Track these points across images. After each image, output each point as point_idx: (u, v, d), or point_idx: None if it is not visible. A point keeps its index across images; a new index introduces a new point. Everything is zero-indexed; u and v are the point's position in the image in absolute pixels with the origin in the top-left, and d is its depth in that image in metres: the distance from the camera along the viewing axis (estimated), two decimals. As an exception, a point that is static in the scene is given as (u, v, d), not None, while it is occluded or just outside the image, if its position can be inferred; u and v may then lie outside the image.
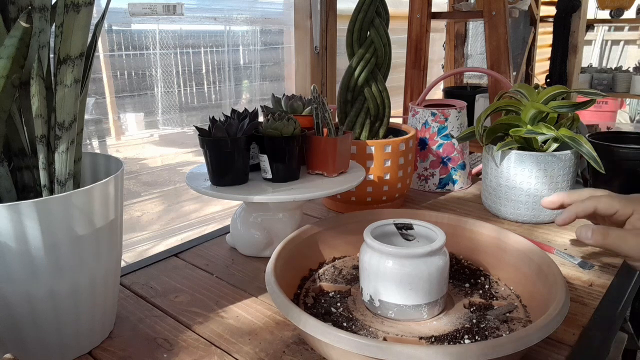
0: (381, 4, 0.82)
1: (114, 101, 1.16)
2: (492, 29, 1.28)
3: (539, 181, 0.79)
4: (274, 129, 0.66)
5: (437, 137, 0.97)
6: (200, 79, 1.30)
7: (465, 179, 1.01)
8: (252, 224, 0.70)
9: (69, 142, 0.46)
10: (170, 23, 1.18)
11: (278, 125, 0.66)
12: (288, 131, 0.67)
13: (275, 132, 0.66)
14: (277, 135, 0.66)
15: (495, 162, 0.83)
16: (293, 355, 0.50)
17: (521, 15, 1.92)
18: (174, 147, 1.33)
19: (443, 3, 1.99)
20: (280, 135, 0.66)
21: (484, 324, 0.50)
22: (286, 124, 0.66)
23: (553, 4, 2.10)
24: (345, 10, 1.38)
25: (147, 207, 1.28)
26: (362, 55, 0.82)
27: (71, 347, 0.50)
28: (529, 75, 2.13)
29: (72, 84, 0.44)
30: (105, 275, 0.51)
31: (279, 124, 0.66)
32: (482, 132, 0.83)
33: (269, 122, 0.67)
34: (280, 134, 0.66)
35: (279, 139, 0.66)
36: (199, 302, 0.61)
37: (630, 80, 2.94)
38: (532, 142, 0.80)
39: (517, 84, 1.21)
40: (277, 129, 0.66)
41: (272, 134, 0.67)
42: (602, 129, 1.35)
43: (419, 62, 1.45)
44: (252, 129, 0.68)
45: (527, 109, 0.80)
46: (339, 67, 1.42)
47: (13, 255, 0.42)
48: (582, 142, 0.74)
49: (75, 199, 0.44)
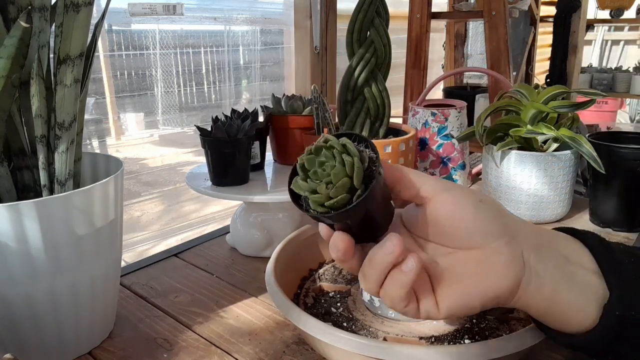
0: (381, 4, 0.82)
1: (114, 101, 1.16)
2: (492, 29, 1.28)
3: (539, 181, 0.79)
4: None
5: (437, 137, 0.97)
6: (200, 79, 1.30)
7: (465, 179, 1.01)
8: (252, 224, 0.70)
9: (69, 142, 0.46)
10: (170, 23, 1.18)
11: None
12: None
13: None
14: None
15: (495, 162, 0.83)
16: (293, 355, 0.50)
17: (521, 15, 1.92)
18: (174, 147, 1.33)
19: (443, 3, 1.99)
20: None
21: (484, 324, 0.50)
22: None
23: (553, 4, 2.10)
24: (345, 10, 1.38)
25: (147, 207, 1.28)
26: (362, 55, 0.82)
27: (71, 347, 0.50)
28: (529, 75, 2.13)
29: (71, 84, 0.44)
30: (105, 275, 0.51)
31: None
32: (482, 132, 0.83)
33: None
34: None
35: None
36: (199, 302, 0.61)
37: (630, 80, 2.94)
38: (532, 142, 0.80)
39: (517, 84, 1.21)
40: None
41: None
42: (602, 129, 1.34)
43: (419, 62, 1.45)
44: (253, 129, 0.68)
45: (527, 109, 0.80)
46: (339, 67, 1.42)
47: (13, 256, 0.42)
48: (582, 142, 0.74)
49: (75, 199, 0.44)
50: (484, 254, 0.33)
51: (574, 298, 0.33)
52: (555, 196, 0.80)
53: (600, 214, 0.81)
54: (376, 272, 0.32)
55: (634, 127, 4.18)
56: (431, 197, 0.33)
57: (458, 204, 0.33)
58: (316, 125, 0.73)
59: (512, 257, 0.33)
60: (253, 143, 0.72)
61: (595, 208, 0.82)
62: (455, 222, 0.33)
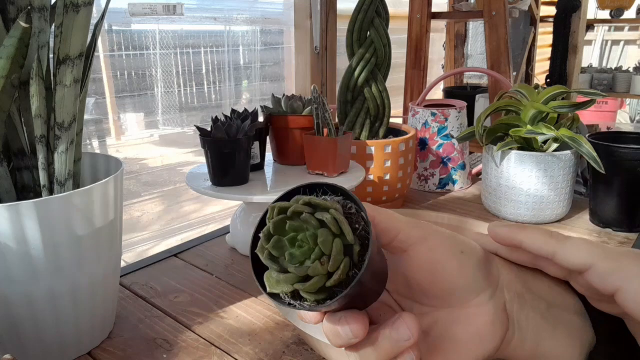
0: (381, 4, 0.82)
1: (114, 101, 1.16)
2: (492, 29, 1.28)
3: (539, 181, 0.79)
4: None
5: (437, 137, 0.97)
6: (200, 79, 1.30)
7: (465, 179, 1.01)
8: (252, 224, 0.70)
9: (69, 142, 0.46)
10: (170, 23, 1.18)
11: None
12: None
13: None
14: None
15: (495, 162, 0.83)
16: (293, 355, 0.50)
17: (521, 15, 1.92)
18: (174, 147, 1.33)
19: (443, 3, 1.99)
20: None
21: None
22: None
23: (553, 4, 2.10)
24: (345, 10, 1.38)
25: (147, 207, 1.27)
26: (362, 55, 0.82)
27: (71, 347, 0.50)
28: (529, 75, 2.13)
29: (71, 84, 0.44)
30: (105, 275, 0.51)
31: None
32: (482, 132, 0.83)
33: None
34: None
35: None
36: (199, 302, 0.61)
37: (630, 80, 2.94)
38: (532, 142, 0.80)
39: (517, 84, 1.21)
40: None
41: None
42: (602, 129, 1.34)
43: (419, 62, 1.45)
44: (253, 129, 0.68)
45: (527, 109, 0.80)
46: (339, 67, 1.41)
47: (13, 255, 0.42)
48: (582, 142, 0.74)
49: (74, 199, 0.44)
50: (466, 315, 0.29)
51: (556, 346, 0.30)
52: (555, 196, 0.80)
53: (600, 214, 0.81)
54: (381, 357, 0.26)
55: (634, 127, 4.18)
56: (406, 248, 0.28)
57: (438, 260, 0.28)
58: (316, 125, 0.73)
59: (496, 313, 0.29)
60: (253, 143, 0.72)
61: (595, 208, 0.82)
62: (436, 280, 0.28)
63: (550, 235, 0.30)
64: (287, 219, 0.24)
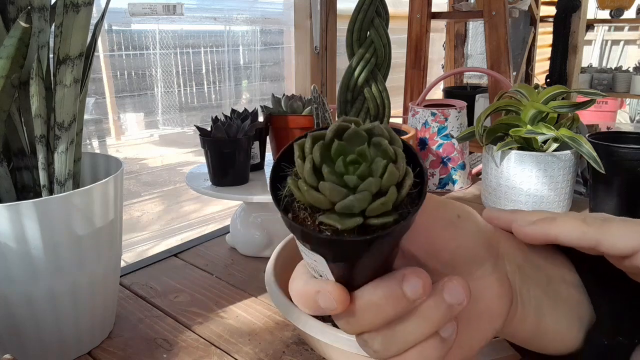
0: (381, 4, 0.82)
1: (114, 101, 1.16)
2: (492, 29, 1.28)
3: (539, 181, 0.79)
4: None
5: (437, 137, 0.97)
6: (200, 79, 1.30)
7: (465, 179, 1.01)
8: (252, 224, 0.70)
9: (69, 142, 0.46)
10: (170, 23, 1.18)
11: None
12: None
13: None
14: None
15: (495, 162, 0.83)
16: (293, 355, 0.50)
17: (521, 15, 1.92)
18: (174, 147, 1.33)
19: (443, 3, 1.99)
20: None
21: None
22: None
23: (553, 4, 2.10)
24: (345, 10, 1.38)
25: (147, 207, 1.27)
26: (362, 55, 0.82)
27: (71, 347, 0.50)
28: (529, 75, 2.13)
29: (71, 84, 0.44)
30: (105, 275, 0.51)
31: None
32: (482, 132, 0.83)
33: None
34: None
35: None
36: (199, 302, 0.61)
37: (630, 80, 2.94)
38: (532, 142, 0.80)
39: (517, 84, 1.21)
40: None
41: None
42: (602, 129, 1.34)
43: (419, 62, 1.45)
44: (253, 129, 0.68)
45: (527, 109, 0.80)
46: (339, 67, 1.41)
47: (13, 255, 0.42)
48: (582, 142, 0.74)
49: (74, 199, 0.44)
50: (473, 290, 0.25)
51: (558, 322, 0.28)
52: (555, 196, 0.80)
53: (600, 214, 0.81)
54: (427, 329, 0.23)
55: (634, 127, 4.18)
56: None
57: (434, 228, 0.25)
58: (316, 125, 0.73)
59: (501, 286, 0.27)
60: (253, 143, 0.72)
61: (595, 208, 0.82)
62: (434, 250, 0.26)
63: (584, 222, 0.27)
64: (336, 139, 0.21)
